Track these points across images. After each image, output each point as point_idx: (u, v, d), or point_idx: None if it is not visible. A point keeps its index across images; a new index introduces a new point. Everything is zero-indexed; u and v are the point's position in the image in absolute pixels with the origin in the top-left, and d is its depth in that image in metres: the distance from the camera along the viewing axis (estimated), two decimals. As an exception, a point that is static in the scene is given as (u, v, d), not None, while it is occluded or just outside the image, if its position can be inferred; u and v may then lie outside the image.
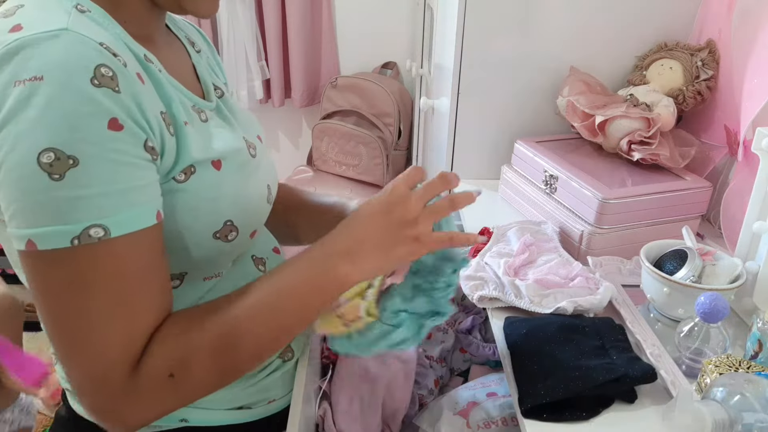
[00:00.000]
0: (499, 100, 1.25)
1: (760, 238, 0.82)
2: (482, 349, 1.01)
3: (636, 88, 1.15)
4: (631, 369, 0.69)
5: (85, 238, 0.48)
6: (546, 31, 1.19)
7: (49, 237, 0.48)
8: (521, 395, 0.68)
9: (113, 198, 0.49)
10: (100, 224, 0.49)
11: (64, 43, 0.49)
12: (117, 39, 0.56)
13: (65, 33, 0.49)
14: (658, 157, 1.04)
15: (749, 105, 0.97)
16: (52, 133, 0.47)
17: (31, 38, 0.48)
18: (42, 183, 0.47)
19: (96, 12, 0.55)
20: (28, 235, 0.48)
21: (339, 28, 2.14)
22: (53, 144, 0.47)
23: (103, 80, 0.49)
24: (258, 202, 0.69)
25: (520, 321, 0.80)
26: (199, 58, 0.73)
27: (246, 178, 0.66)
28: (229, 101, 0.73)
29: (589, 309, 0.80)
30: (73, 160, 0.47)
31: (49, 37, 0.49)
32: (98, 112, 0.48)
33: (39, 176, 0.47)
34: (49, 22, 0.50)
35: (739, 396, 0.58)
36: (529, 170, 1.14)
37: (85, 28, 0.51)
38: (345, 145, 2.06)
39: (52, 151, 0.46)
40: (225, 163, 0.62)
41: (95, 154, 0.48)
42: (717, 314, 0.69)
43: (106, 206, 0.49)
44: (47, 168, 0.47)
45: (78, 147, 0.47)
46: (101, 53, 0.50)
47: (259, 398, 0.75)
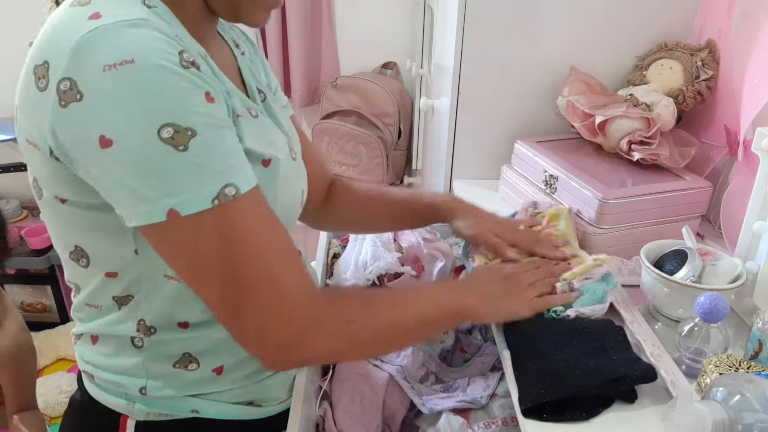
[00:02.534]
0: (499, 100, 1.25)
1: (760, 238, 0.82)
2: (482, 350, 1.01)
3: (636, 88, 1.15)
4: (631, 369, 0.68)
5: (223, 197, 0.52)
6: (546, 31, 1.19)
7: (191, 202, 0.51)
8: (521, 395, 0.68)
9: (232, 159, 0.54)
10: (231, 183, 0.52)
11: (146, 30, 0.51)
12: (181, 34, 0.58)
13: (145, 23, 0.51)
14: (658, 157, 1.04)
15: (749, 105, 0.97)
16: (164, 109, 0.49)
17: (113, 25, 0.50)
18: (171, 155, 0.49)
19: (161, 9, 0.57)
20: (169, 206, 0.50)
21: (339, 28, 2.14)
22: (169, 119, 0.49)
23: (187, 63, 0.52)
24: (293, 204, 0.72)
25: (520, 321, 0.80)
26: (244, 60, 0.75)
27: (286, 180, 0.69)
28: (272, 107, 0.75)
29: (591, 315, 0.80)
30: (191, 131, 0.50)
31: (130, 25, 0.50)
32: (195, 87, 0.52)
33: (166, 150, 0.49)
34: (127, 13, 0.52)
35: (739, 396, 0.58)
36: (529, 170, 1.14)
37: (160, 23, 0.54)
38: (345, 145, 2.06)
39: (170, 126, 0.49)
40: (273, 162, 0.65)
41: (207, 123, 0.51)
42: (717, 314, 0.69)
43: (229, 167, 0.53)
44: (170, 141, 0.49)
45: (192, 119, 0.50)
46: (178, 42, 0.53)
47: (267, 396, 0.75)
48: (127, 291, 0.64)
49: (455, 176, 1.33)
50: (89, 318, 0.68)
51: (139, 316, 0.65)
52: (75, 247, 0.63)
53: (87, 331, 0.69)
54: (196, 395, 0.69)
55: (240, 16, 0.64)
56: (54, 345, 2.11)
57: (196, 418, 0.70)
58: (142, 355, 0.66)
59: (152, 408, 0.68)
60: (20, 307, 2.28)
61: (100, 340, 0.68)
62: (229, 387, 0.70)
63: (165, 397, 0.68)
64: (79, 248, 0.62)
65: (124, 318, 0.65)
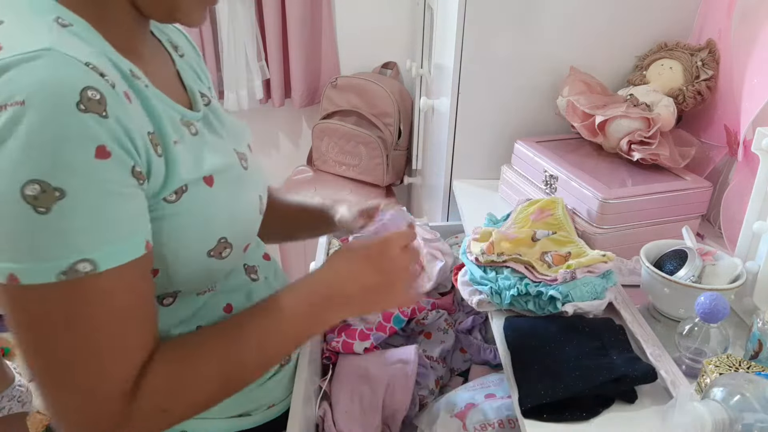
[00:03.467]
0: (499, 100, 1.25)
1: (760, 238, 0.82)
2: (483, 350, 1.01)
3: (636, 88, 1.15)
4: (631, 369, 0.69)
5: (72, 273, 0.46)
6: (546, 31, 1.19)
7: (34, 272, 0.45)
8: (521, 395, 0.68)
9: (101, 231, 0.47)
10: (88, 258, 0.46)
11: (48, 64, 0.45)
12: (101, 55, 0.52)
13: (48, 53, 0.46)
14: (658, 157, 1.04)
15: (749, 105, 0.97)
16: (37, 163, 0.44)
17: (11, 60, 0.45)
18: (27, 216, 0.44)
19: (78, 25, 0.52)
20: (10, 269, 0.45)
21: (339, 28, 2.14)
22: (38, 176, 0.44)
23: (89, 104, 0.46)
24: (251, 215, 0.68)
25: (521, 321, 0.80)
26: (183, 64, 0.70)
27: (239, 192, 0.64)
28: (217, 108, 0.71)
29: (590, 311, 0.80)
30: (59, 192, 0.44)
31: (30, 58, 0.45)
32: (85, 140, 0.45)
33: (23, 209, 0.44)
34: (30, 42, 0.47)
35: (739, 396, 0.58)
36: (529, 170, 1.14)
37: (70, 46, 0.48)
38: (345, 145, 2.06)
39: (38, 183, 0.44)
40: (217, 179, 0.60)
41: (82, 186, 0.45)
42: (717, 314, 0.69)
43: (93, 240, 0.47)
44: (32, 201, 0.44)
45: (64, 178, 0.44)
46: (87, 74, 0.47)
47: (259, 404, 0.75)
48: None
49: (455, 176, 1.33)
50: None
51: None
52: None
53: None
54: None
55: (176, 16, 0.58)
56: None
57: None
58: None
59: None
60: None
61: None
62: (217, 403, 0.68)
63: None
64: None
65: None
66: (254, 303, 0.64)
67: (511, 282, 0.81)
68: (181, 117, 0.61)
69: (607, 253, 0.83)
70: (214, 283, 0.67)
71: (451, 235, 1.26)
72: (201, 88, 0.70)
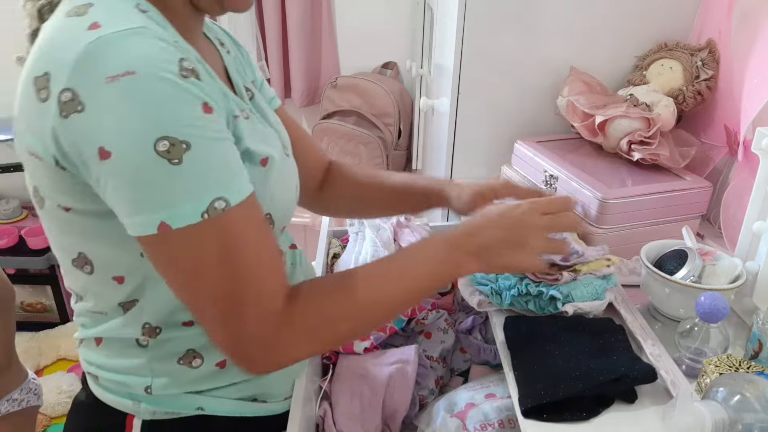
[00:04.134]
0: (499, 100, 1.25)
1: (760, 238, 0.82)
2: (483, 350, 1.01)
3: (636, 88, 1.15)
4: (631, 369, 0.69)
5: (212, 211, 0.52)
6: (546, 31, 1.19)
7: (182, 216, 0.51)
8: (521, 395, 0.68)
9: (224, 171, 0.54)
10: (221, 197, 0.53)
11: (146, 39, 0.51)
12: (178, 40, 0.58)
13: (144, 30, 0.52)
14: (658, 157, 1.04)
15: (749, 105, 0.97)
16: (161, 122, 0.50)
17: (114, 35, 0.50)
18: (164, 169, 0.50)
19: (153, 12, 0.57)
20: (160, 219, 0.51)
21: (339, 28, 2.14)
22: (165, 132, 0.50)
23: (187, 72, 0.52)
24: (291, 200, 0.73)
25: (520, 321, 0.80)
26: (230, 60, 0.75)
27: (283, 177, 0.70)
28: (259, 104, 0.75)
29: (590, 312, 0.80)
30: (186, 144, 0.51)
31: (130, 34, 0.51)
32: (192, 98, 0.52)
33: (160, 163, 0.50)
34: (127, 21, 0.52)
35: (739, 396, 0.58)
36: (529, 170, 1.14)
37: (157, 29, 0.54)
38: (345, 145, 2.06)
39: (166, 139, 0.50)
40: (270, 161, 0.65)
41: (202, 136, 0.52)
42: (717, 314, 0.69)
43: (221, 180, 0.53)
44: (165, 155, 0.50)
45: (187, 131, 0.51)
46: (179, 49, 0.53)
47: (271, 392, 0.75)
48: (132, 296, 0.64)
49: (455, 176, 1.33)
50: (93, 323, 0.68)
51: (144, 320, 0.65)
52: (78, 254, 0.63)
53: (91, 335, 0.69)
54: (200, 392, 0.69)
55: (225, 5, 0.63)
56: (54, 345, 2.11)
57: (202, 416, 0.70)
58: (146, 355, 0.66)
59: (158, 407, 0.68)
60: (20, 307, 2.28)
61: (104, 342, 0.68)
62: (232, 381, 0.70)
63: (170, 395, 0.68)
64: (83, 255, 0.62)
65: (130, 322, 0.65)
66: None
67: (511, 282, 0.81)
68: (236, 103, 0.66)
69: (611, 257, 0.84)
70: None
71: (451, 235, 1.26)
72: (246, 83, 0.75)
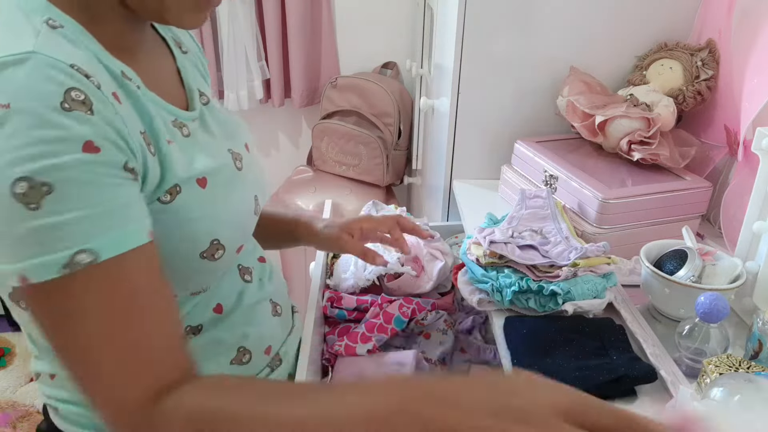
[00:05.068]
0: (499, 100, 1.25)
1: (760, 238, 0.82)
2: (483, 350, 1.01)
3: (636, 88, 1.15)
4: (631, 369, 0.69)
5: (73, 266, 0.46)
6: (546, 31, 1.19)
7: (38, 269, 0.45)
8: (521, 395, 0.68)
9: (96, 220, 0.47)
10: (87, 249, 0.46)
11: (32, 67, 0.46)
12: (91, 57, 0.53)
13: (32, 56, 0.47)
14: (658, 157, 1.04)
15: (749, 105, 0.97)
16: (23, 162, 0.44)
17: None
18: (20, 214, 0.44)
19: (69, 27, 0.52)
20: (18, 270, 0.46)
21: (339, 29, 2.14)
22: (25, 173, 0.44)
23: (73, 104, 0.46)
24: (245, 216, 0.67)
25: (521, 321, 0.80)
26: (185, 61, 0.70)
27: (232, 193, 0.64)
28: (215, 108, 0.71)
29: (590, 310, 0.80)
30: (47, 186, 0.45)
31: (15, 62, 0.46)
32: (69, 137, 0.46)
33: (15, 208, 0.44)
34: (15, 45, 0.47)
35: (739, 396, 0.58)
36: (529, 170, 1.14)
37: (56, 48, 0.49)
38: (345, 145, 2.06)
39: (25, 180, 0.44)
40: (210, 180, 0.60)
41: (69, 178, 0.46)
42: (717, 314, 0.69)
43: (90, 230, 0.47)
44: (22, 198, 0.44)
45: (50, 173, 0.45)
46: (71, 76, 0.48)
47: None
48: None
49: (455, 176, 1.33)
50: (44, 356, 0.67)
51: None
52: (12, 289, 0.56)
53: (44, 370, 0.67)
54: None
55: (165, 18, 0.57)
56: (54, 345, 2.12)
57: None
58: None
59: None
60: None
61: (58, 377, 0.66)
62: None
63: None
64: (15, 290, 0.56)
65: None
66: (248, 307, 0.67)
67: (512, 280, 0.81)
68: (174, 118, 0.61)
69: (612, 257, 0.84)
70: (207, 285, 0.67)
71: (451, 235, 1.26)
72: (201, 87, 0.70)
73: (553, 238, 0.89)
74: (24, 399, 1.95)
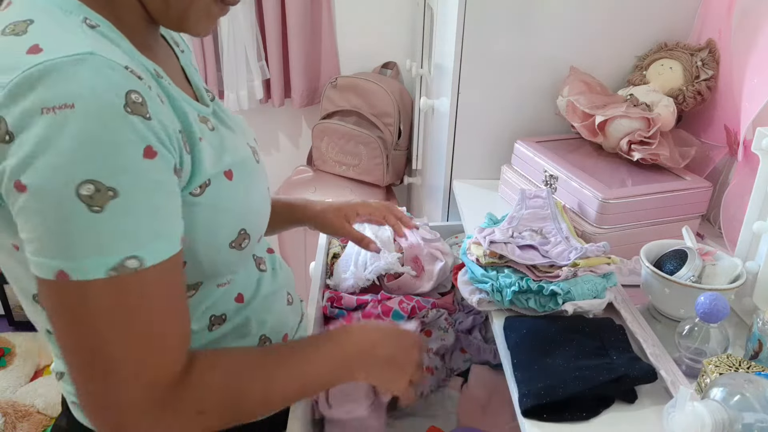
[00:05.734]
0: (499, 100, 1.25)
1: (760, 238, 0.82)
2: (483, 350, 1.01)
3: (636, 88, 1.15)
4: (631, 369, 0.69)
5: (121, 269, 0.47)
6: (546, 31, 1.19)
7: (85, 268, 0.47)
8: (521, 395, 0.68)
9: (150, 229, 0.49)
10: (136, 255, 0.48)
11: (92, 68, 0.47)
12: (132, 56, 0.54)
13: (92, 57, 0.47)
14: (658, 157, 1.04)
15: (749, 105, 0.97)
16: (91, 164, 0.45)
17: (56, 63, 0.46)
18: (81, 215, 0.46)
19: (104, 26, 0.53)
20: (60, 266, 0.46)
21: (339, 29, 2.14)
22: (93, 176, 0.45)
23: (134, 107, 0.48)
24: (264, 206, 0.71)
25: (521, 321, 0.80)
26: (185, 60, 0.72)
27: (254, 184, 0.67)
28: (221, 105, 0.72)
29: (590, 310, 0.80)
30: (113, 191, 0.46)
31: (75, 62, 0.46)
32: (134, 141, 0.47)
33: (78, 208, 0.45)
34: (71, 45, 0.47)
35: (739, 396, 0.58)
36: (529, 170, 1.14)
37: (107, 50, 0.50)
38: (345, 145, 2.06)
39: (92, 183, 0.45)
40: (236, 173, 0.63)
41: (134, 185, 0.47)
42: (717, 314, 0.69)
43: (142, 237, 0.48)
44: (87, 200, 0.45)
45: (117, 178, 0.46)
46: (129, 78, 0.48)
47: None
48: None
49: (455, 176, 1.33)
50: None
51: None
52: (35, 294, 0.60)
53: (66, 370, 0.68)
54: None
55: (184, 27, 0.59)
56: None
57: None
58: None
59: None
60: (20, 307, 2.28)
61: None
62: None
63: None
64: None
65: None
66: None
67: (512, 280, 0.81)
68: (198, 113, 0.62)
69: (612, 257, 0.84)
70: (232, 276, 0.70)
71: (451, 235, 1.26)
72: (202, 83, 0.72)
73: (553, 238, 0.89)
74: (24, 399, 1.94)
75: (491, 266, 0.84)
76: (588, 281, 0.80)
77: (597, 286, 0.81)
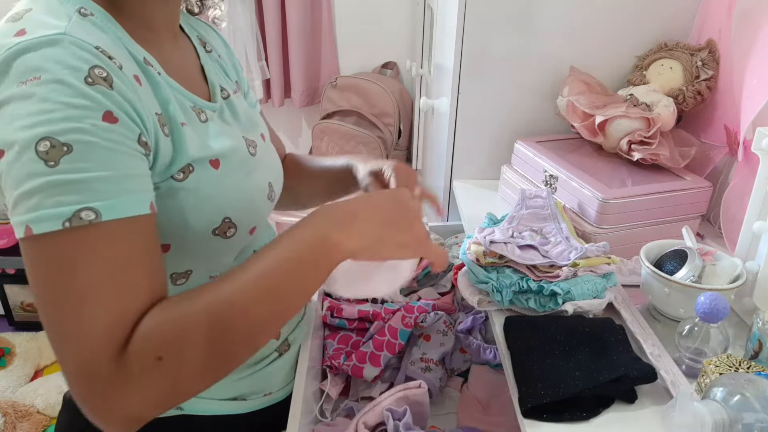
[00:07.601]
0: (499, 100, 1.25)
1: (760, 238, 0.82)
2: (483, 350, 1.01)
3: (636, 88, 1.15)
4: (631, 369, 0.69)
5: (76, 221, 0.49)
6: (546, 31, 1.19)
7: (43, 220, 0.49)
8: (521, 395, 0.68)
9: (106, 183, 0.51)
10: (92, 207, 0.50)
11: (62, 46, 0.52)
12: (117, 42, 0.59)
13: (63, 37, 0.52)
14: (658, 157, 1.04)
15: (749, 105, 0.97)
16: (48, 123, 0.49)
17: (31, 42, 0.51)
18: (39, 170, 0.49)
19: (99, 15, 0.58)
20: (26, 221, 0.49)
21: (339, 28, 2.15)
22: (48, 133, 0.49)
23: (96, 80, 0.52)
24: (258, 199, 0.71)
25: (521, 321, 0.80)
26: (209, 59, 0.76)
27: (245, 176, 0.68)
28: (235, 103, 0.75)
29: (590, 310, 0.80)
30: (67, 147, 0.49)
31: (47, 42, 0.52)
32: (92, 105, 0.51)
33: (36, 164, 0.49)
34: (49, 27, 0.53)
35: (739, 396, 0.58)
36: (529, 170, 1.14)
37: (84, 32, 0.54)
38: (345, 145, 2.06)
39: (48, 139, 0.49)
40: (223, 162, 0.65)
41: (89, 142, 0.50)
42: (717, 314, 0.69)
43: (98, 190, 0.50)
44: (43, 156, 0.49)
45: (72, 135, 0.50)
46: (96, 56, 0.53)
47: (255, 390, 0.76)
48: None
49: (455, 176, 1.33)
50: None
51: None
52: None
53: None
54: None
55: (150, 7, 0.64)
56: (54, 345, 2.11)
57: (182, 416, 0.71)
58: None
59: None
60: (20, 307, 2.28)
61: None
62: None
63: None
64: None
65: None
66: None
67: (512, 280, 0.81)
68: (193, 104, 0.66)
69: (612, 257, 0.84)
70: (224, 266, 0.70)
71: (451, 235, 1.26)
72: (222, 83, 0.75)
73: (553, 238, 0.89)
74: (24, 399, 1.94)
75: (491, 266, 0.84)
76: (588, 281, 0.80)
77: (597, 286, 0.81)
